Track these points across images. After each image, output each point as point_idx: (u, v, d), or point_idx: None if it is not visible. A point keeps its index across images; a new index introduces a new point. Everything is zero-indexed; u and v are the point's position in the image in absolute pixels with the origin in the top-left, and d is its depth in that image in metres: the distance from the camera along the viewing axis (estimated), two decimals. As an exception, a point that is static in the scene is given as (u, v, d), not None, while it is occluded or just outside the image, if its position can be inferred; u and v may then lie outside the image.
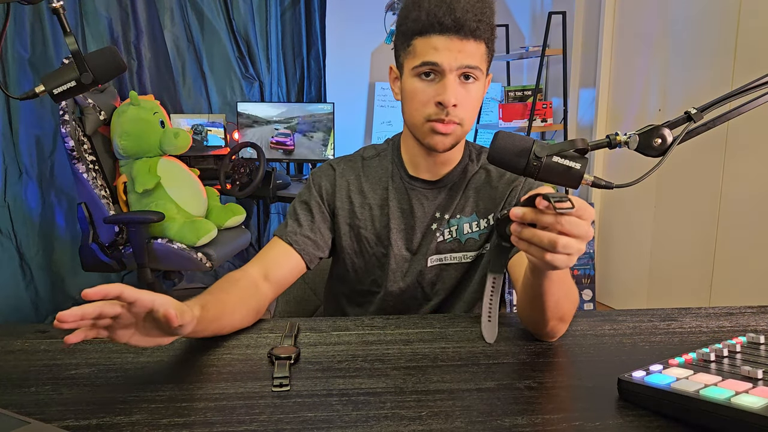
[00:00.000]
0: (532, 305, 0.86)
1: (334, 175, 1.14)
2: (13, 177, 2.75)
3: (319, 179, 1.14)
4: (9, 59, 2.70)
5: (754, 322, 1.00)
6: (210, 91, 3.45)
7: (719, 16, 2.52)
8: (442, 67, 0.96)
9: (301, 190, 1.15)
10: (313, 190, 1.13)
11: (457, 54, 0.96)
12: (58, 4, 0.84)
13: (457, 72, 0.97)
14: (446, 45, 0.96)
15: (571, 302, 0.88)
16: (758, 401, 0.60)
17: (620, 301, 3.21)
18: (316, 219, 1.10)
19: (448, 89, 0.97)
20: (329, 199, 1.13)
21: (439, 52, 0.96)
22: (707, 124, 0.74)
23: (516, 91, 3.57)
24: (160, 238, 2.59)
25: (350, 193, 1.12)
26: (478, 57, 0.98)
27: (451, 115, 0.98)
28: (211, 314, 0.84)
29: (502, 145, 0.77)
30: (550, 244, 0.69)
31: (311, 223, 1.10)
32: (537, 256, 0.71)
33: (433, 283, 1.12)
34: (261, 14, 3.57)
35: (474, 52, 0.97)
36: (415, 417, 0.67)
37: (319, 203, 1.12)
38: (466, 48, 0.96)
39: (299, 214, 1.11)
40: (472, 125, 1.05)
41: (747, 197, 2.44)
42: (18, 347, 0.87)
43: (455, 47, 0.96)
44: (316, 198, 1.12)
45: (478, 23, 0.95)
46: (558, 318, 0.87)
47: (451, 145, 1.03)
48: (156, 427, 0.65)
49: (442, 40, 0.96)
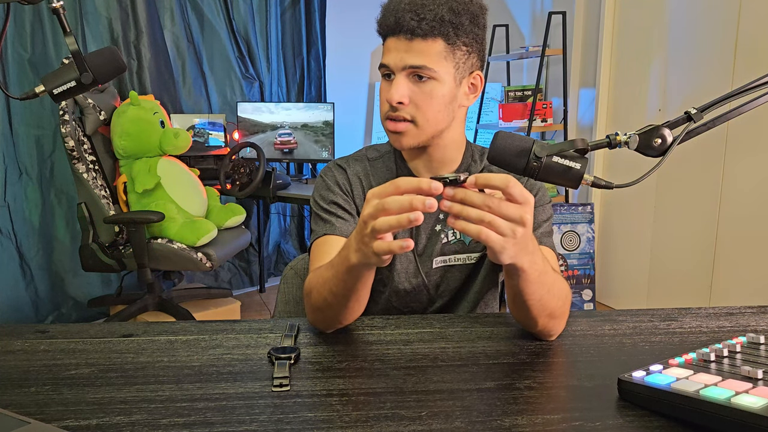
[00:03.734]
0: (516, 306, 0.88)
1: (346, 175, 1.13)
2: (13, 177, 2.74)
3: (334, 178, 1.13)
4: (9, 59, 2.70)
5: (754, 322, 1.00)
6: (210, 91, 3.45)
7: (719, 16, 2.52)
8: (390, 67, 1.01)
9: (320, 192, 1.12)
10: (334, 188, 1.11)
11: (404, 54, 0.99)
12: (58, 4, 0.84)
13: (405, 72, 1.00)
14: (395, 46, 1.00)
15: (558, 298, 0.88)
16: (758, 401, 0.60)
17: (620, 301, 3.21)
18: (352, 213, 1.10)
19: (392, 87, 1.00)
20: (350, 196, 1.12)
21: (390, 53, 1.01)
22: (707, 124, 0.74)
23: (516, 91, 3.57)
24: (160, 238, 2.59)
25: (363, 190, 1.12)
26: (431, 55, 0.98)
27: (399, 112, 1.01)
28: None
29: (502, 145, 0.77)
30: (477, 217, 0.72)
31: (351, 218, 1.09)
32: (472, 233, 0.73)
33: (437, 284, 1.12)
34: (261, 14, 3.57)
35: (423, 50, 0.98)
36: (415, 417, 0.67)
37: (346, 199, 1.11)
38: (414, 47, 0.98)
39: (336, 212, 1.09)
40: (438, 125, 1.03)
41: (747, 197, 2.44)
42: (18, 347, 0.87)
43: (402, 48, 0.99)
44: (341, 195, 1.11)
45: (419, 21, 0.97)
46: (547, 315, 0.87)
47: (409, 144, 1.03)
48: (156, 427, 0.65)
49: (393, 41, 1.01)
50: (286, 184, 3.24)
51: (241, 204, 3.15)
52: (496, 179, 0.72)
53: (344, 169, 1.14)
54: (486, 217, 0.71)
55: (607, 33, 3.15)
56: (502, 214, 0.71)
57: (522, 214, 0.72)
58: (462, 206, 0.72)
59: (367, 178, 1.13)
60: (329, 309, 0.91)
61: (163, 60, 3.19)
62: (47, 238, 2.86)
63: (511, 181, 0.71)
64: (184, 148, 2.80)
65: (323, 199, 1.11)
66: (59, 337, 0.91)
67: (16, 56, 2.72)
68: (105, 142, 2.74)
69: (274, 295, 3.37)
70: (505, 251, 0.74)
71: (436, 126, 1.03)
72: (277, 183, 3.14)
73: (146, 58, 3.07)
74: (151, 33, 3.09)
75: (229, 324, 0.97)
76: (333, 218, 1.08)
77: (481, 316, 1.03)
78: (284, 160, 3.49)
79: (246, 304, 3.31)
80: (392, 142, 1.05)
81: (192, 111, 3.37)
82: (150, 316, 2.70)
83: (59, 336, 0.92)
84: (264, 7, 3.57)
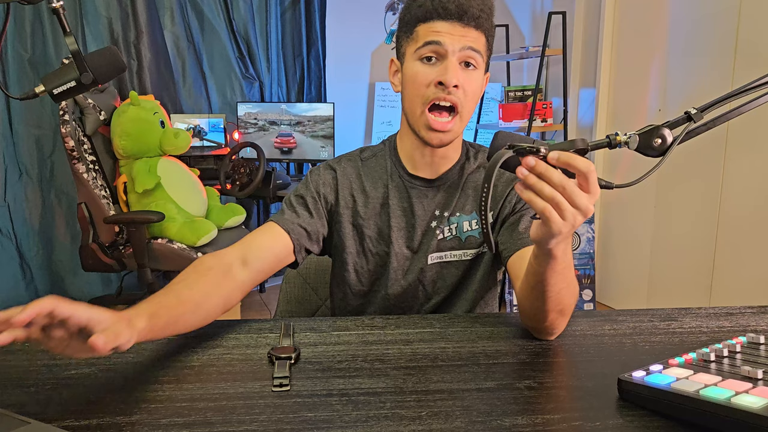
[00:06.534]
0: (533, 293, 0.85)
1: (335, 175, 1.13)
2: (13, 177, 2.75)
3: (317, 178, 1.13)
4: (9, 59, 2.70)
5: (754, 322, 1.00)
6: (210, 91, 3.45)
7: (719, 16, 2.52)
8: (445, 47, 0.98)
9: (297, 185, 1.14)
10: (311, 186, 1.12)
11: (460, 38, 0.99)
12: (58, 4, 0.84)
13: (459, 55, 0.99)
14: (449, 29, 0.99)
15: (572, 295, 0.88)
16: (758, 401, 0.60)
17: (620, 301, 3.21)
18: (313, 214, 1.10)
19: (449, 69, 0.98)
20: (329, 199, 1.12)
21: (442, 34, 0.99)
22: (707, 124, 0.74)
23: (516, 91, 3.57)
24: (160, 238, 2.59)
25: (353, 192, 1.12)
26: (480, 45, 1.01)
27: (453, 95, 0.99)
28: (163, 321, 0.79)
29: (502, 145, 0.77)
30: (549, 195, 0.71)
31: (309, 217, 1.09)
32: (537, 208, 0.72)
33: (434, 281, 1.12)
34: (261, 14, 3.57)
35: (476, 38, 1.00)
36: (415, 417, 0.67)
37: (316, 200, 1.11)
38: (469, 34, 0.99)
39: (296, 206, 1.10)
40: (469, 117, 1.05)
41: (747, 197, 2.44)
42: (18, 347, 0.87)
43: (458, 32, 0.99)
44: (313, 194, 1.11)
45: (480, 12, 0.98)
46: (558, 310, 0.87)
47: (449, 140, 1.04)
48: (156, 427, 0.65)
49: (445, 25, 0.99)
50: (286, 184, 3.24)
51: (241, 204, 3.15)
52: (580, 162, 0.71)
53: (334, 169, 1.14)
54: (557, 198, 0.71)
55: (607, 33, 3.15)
56: (573, 201, 0.71)
57: (588, 206, 0.72)
58: (538, 180, 0.72)
59: (359, 178, 1.13)
60: None
61: (163, 60, 3.19)
62: (47, 238, 2.86)
63: (592, 171, 0.71)
64: (184, 148, 2.80)
65: (295, 192, 1.12)
66: (59, 337, 0.91)
67: (16, 56, 2.72)
68: (105, 142, 2.74)
69: (274, 295, 3.37)
70: (559, 236, 0.74)
71: (468, 118, 1.05)
72: (277, 183, 3.14)
73: (146, 58, 3.07)
74: (151, 33, 3.09)
75: (229, 324, 0.97)
76: (289, 210, 1.09)
77: (481, 316, 1.03)
78: (284, 160, 3.49)
79: (246, 304, 3.31)
80: (429, 139, 1.03)
81: (192, 111, 3.37)
82: (150, 316, 2.69)
83: (59, 336, 0.91)
84: (264, 7, 3.57)
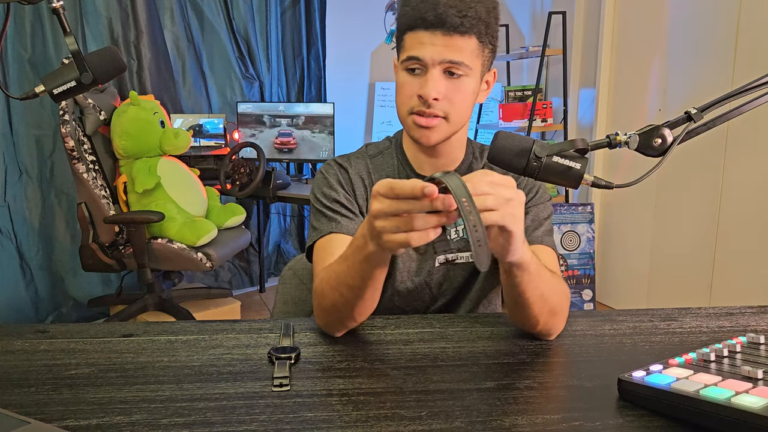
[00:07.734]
0: (519, 306, 0.87)
1: (348, 174, 1.12)
2: (13, 177, 2.74)
3: (336, 176, 1.11)
4: (9, 59, 2.70)
5: (754, 322, 1.00)
6: (210, 91, 3.45)
7: (719, 16, 2.52)
8: (425, 61, 0.98)
9: (321, 189, 1.10)
10: (338, 186, 1.10)
11: (441, 49, 0.97)
12: (58, 4, 0.84)
13: (441, 67, 0.98)
14: (431, 40, 0.97)
15: (558, 294, 0.88)
16: (758, 401, 0.60)
17: (620, 301, 3.21)
18: (357, 214, 1.08)
19: (428, 83, 0.98)
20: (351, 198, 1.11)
21: (424, 46, 0.98)
22: (707, 124, 0.74)
23: (516, 91, 3.57)
24: (160, 238, 2.59)
25: (366, 189, 1.11)
26: (467, 52, 0.98)
27: (433, 108, 0.99)
28: None
29: (502, 145, 0.77)
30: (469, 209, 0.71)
31: (355, 217, 1.08)
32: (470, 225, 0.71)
33: (440, 283, 1.12)
34: (261, 14, 3.57)
35: (461, 47, 0.98)
36: (415, 417, 0.67)
37: (349, 199, 1.10)
38: (452, 43, 0.97)
39: (340, 210, 1.07)
40: (463, 121, 1.04)
41: (747, 197, 2.44)
42: (18, 347, 0.87)
43: (439, 42, 0.97)
44: (345, 195, 1.09)
45: (462, 18, 0.96)
46: (548, 312, 0.87)
47: (437, 139, 1.02)
48: (156, 427, 0.65)
49: (427, 35, 0.97)
50: (286, 184, 3.24)
51: (241, 204, 3.15)
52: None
53: (345, 168, 1.13)
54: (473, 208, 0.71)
55: (607, 33, 3.15)
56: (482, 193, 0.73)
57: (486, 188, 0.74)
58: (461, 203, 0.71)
59: (369, 176, 1.12)
60: (345, 305, 0.89)
61: (163, 60, 3.19)
62: (47, 238, 2.85)
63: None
64: (184, 148, 2.80)
65: (326, 197, 1.09)
66: (59, 337, 0.91)
67: (16, 56, 2.72)
68: (105, 142, 2.74)
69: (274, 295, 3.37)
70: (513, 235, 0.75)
71: (462, 122, 1.04)
72: (277, 183, 3.14)
73: (146, 58, 3.07)
74: (151, 33, 3.09)
75: (229, 324, 0.97)
76: (338, 216, 1.07)
77: (481, 316, 1.03)
78: (284, 160, 3.49)
79: (246, 304, 3.31)
80: (417, 137, 1.02)
81: (192, 111, 3.37)
82: (150, 316, 2.70)
83: (59, 336, 0.92)
84: (264, 7, 3.56)
